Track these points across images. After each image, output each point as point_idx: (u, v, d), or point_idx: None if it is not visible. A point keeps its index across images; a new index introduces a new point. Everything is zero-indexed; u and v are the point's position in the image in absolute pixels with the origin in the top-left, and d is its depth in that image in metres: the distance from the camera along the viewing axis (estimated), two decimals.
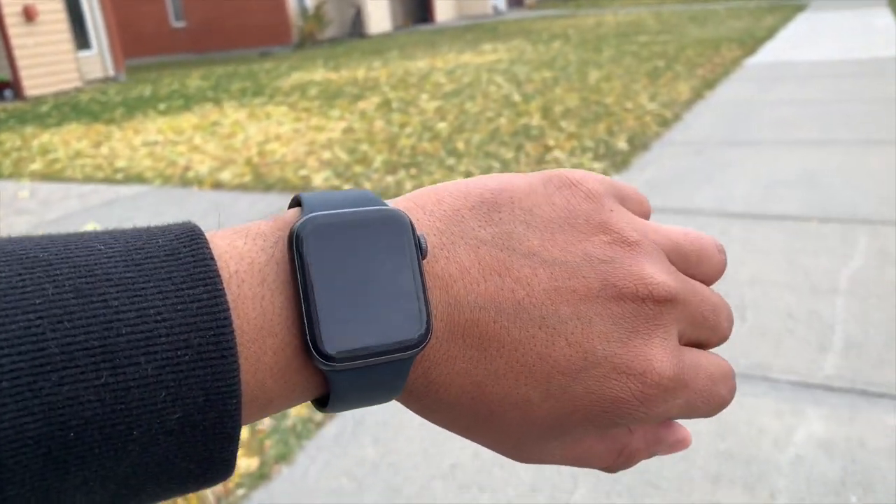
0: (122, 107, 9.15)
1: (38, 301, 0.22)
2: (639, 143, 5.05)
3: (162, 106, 8.86)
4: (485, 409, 0.30)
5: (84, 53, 12.47)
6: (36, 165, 5.98)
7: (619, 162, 4.64)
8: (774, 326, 2.43)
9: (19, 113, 9.37)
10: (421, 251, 0.28)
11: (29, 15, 10.98)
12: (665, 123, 5.62)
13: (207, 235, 0.27)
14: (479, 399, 0.30)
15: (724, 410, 0.42)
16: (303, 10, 17.92)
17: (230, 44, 18.03)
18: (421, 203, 0.31)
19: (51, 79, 11.45)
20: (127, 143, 6.59)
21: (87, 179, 5.42)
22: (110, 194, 4.97)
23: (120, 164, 5.79)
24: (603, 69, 8.73)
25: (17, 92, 11.00)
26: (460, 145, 5.37)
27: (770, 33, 11.54)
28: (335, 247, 0.27)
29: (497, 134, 5.67)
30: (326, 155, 5.47)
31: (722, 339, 0.34)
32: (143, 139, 6.74)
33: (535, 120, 6.06)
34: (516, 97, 7.20)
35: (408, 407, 0.31)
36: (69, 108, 9.54)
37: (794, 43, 10.11)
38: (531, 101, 6.95)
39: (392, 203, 0.31)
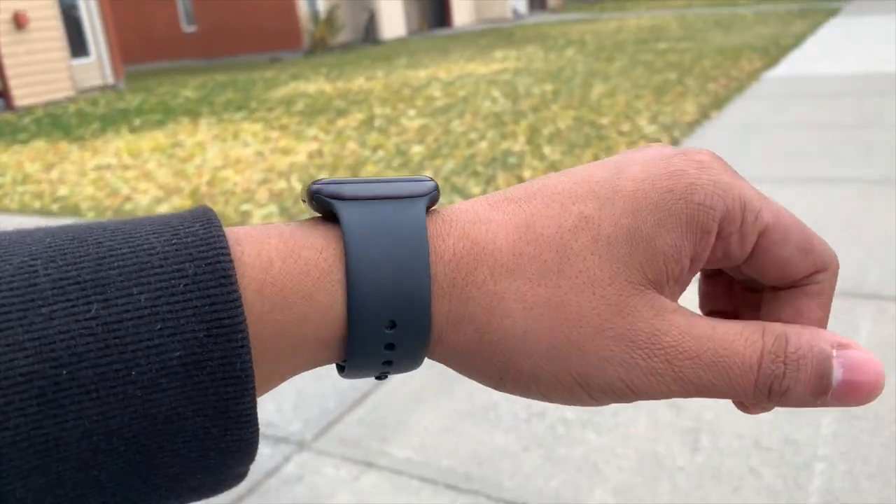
0: (100, 121, 8.71)
1: (34, 247, 0.22)
2: None
3: (137, 121, 8.40)
4: (501, 353, 0.27)
5: (80, 61, 12.15)
6: None
7: None
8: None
9: (1, 125, 9.02)
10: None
11: (19, 22, 10.64)
12: None
13: (232, 243, 0.25)
14: (504, 338, 0.26)
15: None
16: (314, 15, 17.49)
17: (240, 49, 17.69)
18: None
19: (42, 88, 11.11)
20: (79, 167, 6.13)
21: (23, 209, 4.96)
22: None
23: (62, 192, 5.32)
24: (609, 82, 8.11)
25: (7, 102, 10.67)
26: (428, 174, 4.77)
27: (797, 41, 10.80)
28: None
29: (472, 161, 5.10)
30: (280, 185, 4.95)
31: None
32: (97, 162, 6.27)
33: (519, 144, 5.48)
34: (507, 115, 6.63)
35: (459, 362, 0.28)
36: (50, 120, 9.14)
37: (820, 52, 9.32)
38: (522, 119, 6.36)
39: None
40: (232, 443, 0.24)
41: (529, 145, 5.42)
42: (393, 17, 20.07)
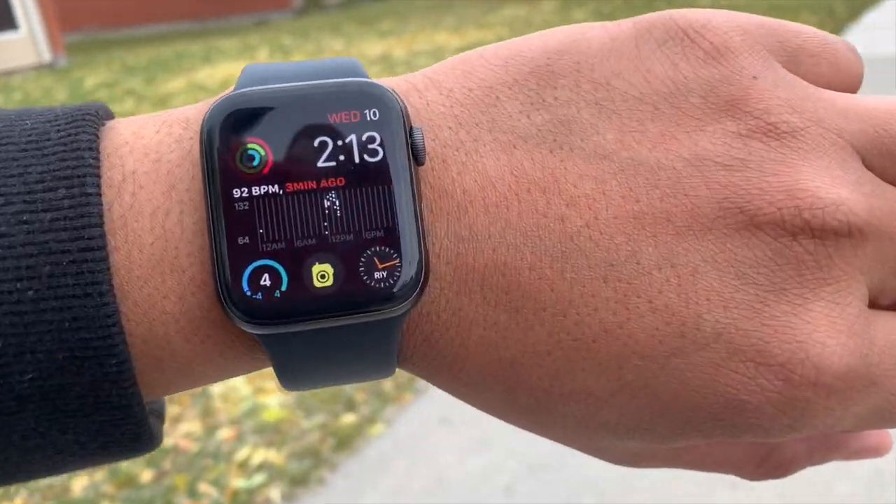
0: None
1: None
2: None
3: None
4: (525, 399, 0.21)
5: (6, 36, 10.43)
6: None
7: None
8: None
9: None
10: (415, 154, 0.20)
11: None
12: None
13: (112, 122, 0.21)
14: (513, 384, 0.20)
15: None
16: None
17: (228, 9, 15.78)
18: (437, 77, 0.22)
19: None
20: None
21: None
22: None
23: None
24: None
25: None
26: None
27: (854, 14, 8.16)
28: None
29: None
30: None
31: None
32: None
33: None
34: None
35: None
36: None
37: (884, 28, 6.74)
38: None
39: (394, 79, 0.22)
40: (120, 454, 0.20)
41: None
42: None
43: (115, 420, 0.19)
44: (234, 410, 1.96)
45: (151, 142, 0.20)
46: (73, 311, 0.18)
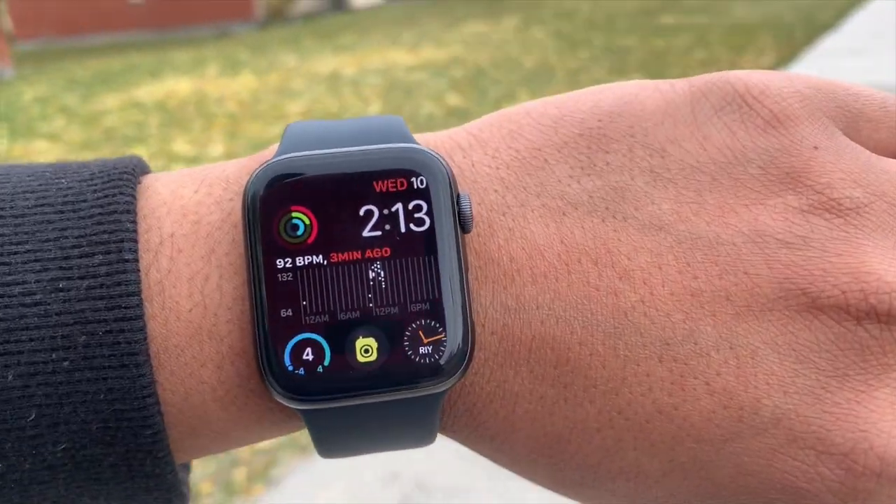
0: None
1: None
2: None
3: None
4: (572, 473, 0.20)
5: None
6: None
7: None
8: None
9: None
10: (463, 222, 0.19)
11: None
12: None
13: (150, 178, 0.21)
14: (560, 459, 0.20)
15: None
16: None
17: (189, 19, 15.46)
18: (482, 136, 0.21)
19: None
20: None
21: None
22: None
23: None
24: (552, 85, 5.63)
25: None
26: None
27: (837, 18, 8.01)
28: None
29: None
30: None
31: None
32: None
33: None
34: None
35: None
36: None
37: (862, 41, 6.54)
38: None
39: (437, 137, 0.22)
40: None
41: None
42: None
43: (149, 487, 0.19)
44: None
45: (190, 202, 0.20)
46: (108, 382, 0.18)
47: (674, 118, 0.20)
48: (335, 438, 0.20)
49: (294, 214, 0.19)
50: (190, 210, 0.19)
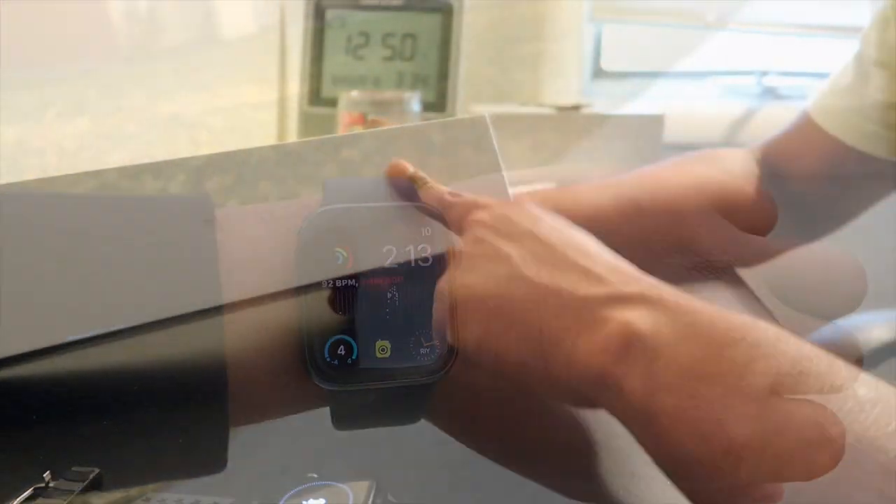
0: None
1: None
2: None
3: None
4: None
5: None
6: None
7: None
8: None
9: None
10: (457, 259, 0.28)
11: None
12: None
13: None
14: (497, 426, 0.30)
15: None
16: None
17: (56, 58, 14.70)
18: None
19: None
20: None
21: None
22: None
23: None
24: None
25: None
26: None
27: None
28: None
29: None
30: None
31: None
32: None
33: None
34: None
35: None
36: None
37: None
38: None
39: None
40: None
41: None
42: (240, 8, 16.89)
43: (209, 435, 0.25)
44: None
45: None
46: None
47: None
48: (352, 414, 0.27)
49: (336, 250, 0.27)
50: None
